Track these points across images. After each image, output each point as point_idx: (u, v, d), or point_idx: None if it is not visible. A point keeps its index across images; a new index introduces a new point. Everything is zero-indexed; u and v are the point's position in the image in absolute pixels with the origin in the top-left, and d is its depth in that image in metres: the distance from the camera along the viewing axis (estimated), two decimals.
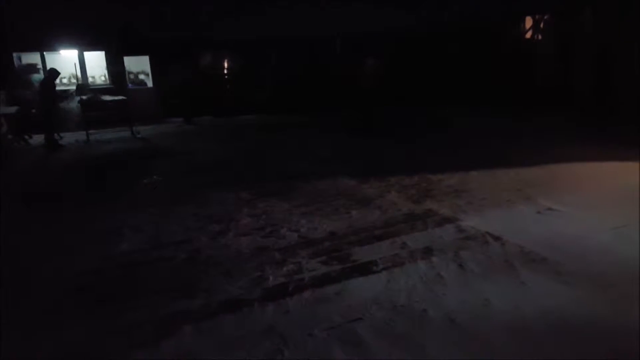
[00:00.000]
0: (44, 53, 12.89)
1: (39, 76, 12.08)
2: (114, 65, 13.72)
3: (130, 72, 14.46)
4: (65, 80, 13.42)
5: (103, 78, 13.99)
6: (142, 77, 14.80)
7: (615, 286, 3.27)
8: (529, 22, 14.04)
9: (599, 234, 4.16)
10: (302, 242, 4.33)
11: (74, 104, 12.00)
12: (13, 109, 10.48)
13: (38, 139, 10.43)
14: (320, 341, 2.81)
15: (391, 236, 4.39)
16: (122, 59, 13.81)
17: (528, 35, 14.15)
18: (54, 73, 10.41)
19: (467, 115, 12.29)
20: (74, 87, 13.00)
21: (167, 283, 3.64)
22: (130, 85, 14.24)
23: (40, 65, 12.82)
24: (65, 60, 13.17)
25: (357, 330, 2.90)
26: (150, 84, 14.62)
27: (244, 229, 4.72)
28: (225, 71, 15.43)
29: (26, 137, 10.77)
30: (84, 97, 11.57)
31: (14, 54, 12.44)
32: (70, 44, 12.92)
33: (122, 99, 11.85)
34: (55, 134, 10.42)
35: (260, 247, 4.24)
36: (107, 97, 11.93)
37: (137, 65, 14.52)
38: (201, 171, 7.50)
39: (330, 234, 4.49)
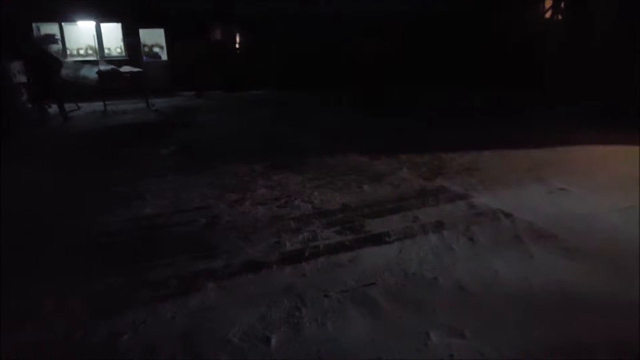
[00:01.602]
0: (62, 24, 13.00)
1: (57, 46, 12.21)
2: (130, 37, 13.82)
3: (145, 45, 14.55)
4: (82, 52, 13.56)
5: (119, 50, 14.11)
6: (156, 49, 14.89)
7: (619, 262, 3.39)
8: (549, 1, 13.82)
9: (607, 214, 4.27)
10: (316, 212, 4.49)
11: (92, 75, 12.15)
12: (31, 79, 10.61)
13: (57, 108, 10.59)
14: (335, 301, 2.98)
15: (403, 210, 4.52)
16: (138, 32, 13.89)
17: (548, 15, 13.94)
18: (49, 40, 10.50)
19: (482, 96, 12.27)
20: (91, 58, 13.16)
21: (189, 245, 3.82)
22: (145, 57, 14.34)
23: (58, 36, 12.94)
24: (83, 31, 13.28)
25: (370, 294, 3.06)
26: (164, 57, 14.71)
27: (259, 199, 4.88)
28: (237, 45, 15.46)
29: (45, 106, 10.93)
30: (102, 69, 11.70)
31: (33, 24, 12.56)
32: (87, 15, 13.01)
33: (139, 71, 11.98)
34: (67, 104, 10.55)
35: (276, 216, 4.40)
36: (124, 69, 12.05)
37: (152, 37, 14.61)
38: (214, 143, 7.65)
39: (343, 206, 4.63)
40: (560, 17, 13.63)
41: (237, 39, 15.52)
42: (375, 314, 2.85)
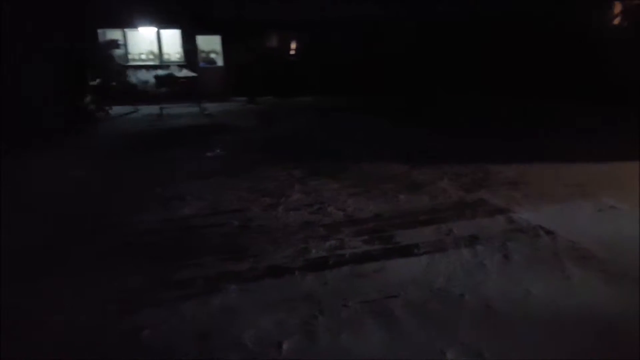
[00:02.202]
0: (125, 30, 13.74)
1: (120, 51, 12.90)
2: (188, 43, 14.39)
3: (202, 51, 15.09)
4: (143, 56, 14.25)
5: (178, 55, 14.71)
6: (212, 55, 15.39)
7: None
8: (617, 6, 13.09)
9: None
10: (347, 220, 4.45)
11: (150, 79, 12.76)
12: (95, 82, 11.30)
13: (116, 109, 11.21)
14: (353, 311, 2.94)
15: (437, 222, 4.40)
16: (195, 38, 14.43)
17: (616, 22, 13.19)
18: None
19: (538, 107, 11.79)
20: (152, 63, 13.82)
21: (219, 246, 3.90)
22: (201, 63, 14.86)
23: (121, 41, 13.68)
24: (144, 37, 13.97)
25: (391, 306, 3.00)
26: (220, 62, 15.18)
27: (293, 204, 4.91)
28: (292, 52, 15.72)
29: (106, 107, 11.59)
30: (159, 73, 12.25)
31: (99, 30, 13.36)
32: (149, 22, 13.67)
33: (193, 76, 12.44)
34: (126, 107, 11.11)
35: (307, 222, 4.41)
36: (179, 74, 12.56)
37: (209, 44, 15.12)
38: (259, 148, 7.80)
39: (376, 215, 4.57)
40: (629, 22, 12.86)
41: (293, 46, 15.77)
42: (393, 328, 2.78)
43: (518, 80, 13.47)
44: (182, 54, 14.59)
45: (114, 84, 12.48)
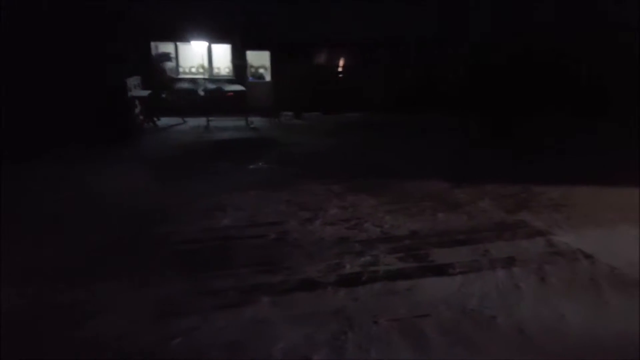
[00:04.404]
0: (177, 43, 14.32)
1: (171, 64, 13.48)
2: (238, 58, 14.83)
3: (251, 66, 15.51)
4: (194, 70, 14.82)
5: (227, 70, 15.18)
6: (261, 71, 15.78)
7: None
8: None
9: None
10: (383, 237, 4.48)
11: (199, 91, 13.25)
12: (146, 93, 11.78)
13: (165, 121, 11.66)
14: (383, 329, 2.96)
15: (474, 242, 4.35)
16: (245, 53, 14.87)
17: None
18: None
19: (587, 128, 11.39)
20: (202, 76, 14.34)
21: (254, 258, 4.01)
22: (250, 78, 15.27)
23: (173, 54, 14.28)
24: (196, 51, 14.52)
25: (421, 325, 3.00)
26: (268, 78, 15.55)
27: (330, 219, 4.98)
28: (339, 69, 15.90)
29: (155, 119, 12.08)
30: (208, 87, 12.69)
31: (152, 43, 13.98)
32: (200, 36, 14.20)
33: (242, 90, 12.79)
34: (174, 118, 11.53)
35: (342, 237, 4.47)
36: (229, 88, 12.95)
37: (259, 59, 15.51)
38: (300, 162, 7.92)
39: (412, 233, 4.57)
40: None
41: (341, 63, 15.96)
42: (422, 347, 2.79)
43: (561, 101, 13.07)
44: (232, 69, 15.06)
45: (164, 95, 13.00)
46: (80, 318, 3.07)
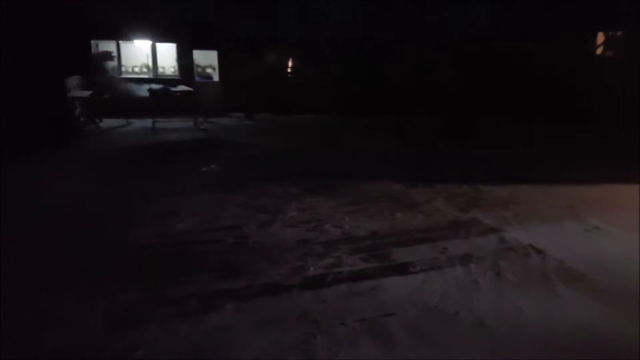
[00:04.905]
0: (120, 42, 13.77)
1: (113, 63, 12.93)
2: (184, 57, 14.44)
3: (198, 65, 15.16)
4: (137, 69, 14.29)
5: (172, 69, 14.76)
6: (209, 70, 15.46)
7: None
8: (600, 37, 13.42)
9: None
10: (344, 238, 4.49)
11: (144, 92, 12.78)
12: (87, 93, 11.25)
13: (108, 122, 11.17)
14: (351, 330, 2.96)
15: (432, 240, 4.45)
16: (192, 52, 14.50)
17: (599, 51, 13.52)
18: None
19: (533, 128, 11.99)
20: (146, 76, 13.85)
21: (214, 263, 3.90)
22: (197, 78, 14.92)
23: (115, 53, 13.71)
24: (139, 50, 14.01)
25: (388, 324, 3.02)
26: (216, 78, 15.25)
27: (290, 221, 4.93)
28: (289, 70, 15.84)
29: (97, 120, 11.55)
30: (154, 87, 12.27)
31: (92, 41, 13.36)
32: (144, 35, 13.72)
33: (189, 91, 12.47)
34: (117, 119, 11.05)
35: (303, 240, 4.43)
36: (175, 88, 12.58)
37: (205, 59, 15.18)
38: (254, 164, 7.82)
39: (372, 233, 4.61)
40: (611, 53, 13.16)
41: (290, 64, 15.89)
42: (390, 346, 2.81)
43: (514, 103, 13.61)
44: (177, 68, 14.66)
45: (106, 96, 12.46)
46: (28, 332, 2.86)
